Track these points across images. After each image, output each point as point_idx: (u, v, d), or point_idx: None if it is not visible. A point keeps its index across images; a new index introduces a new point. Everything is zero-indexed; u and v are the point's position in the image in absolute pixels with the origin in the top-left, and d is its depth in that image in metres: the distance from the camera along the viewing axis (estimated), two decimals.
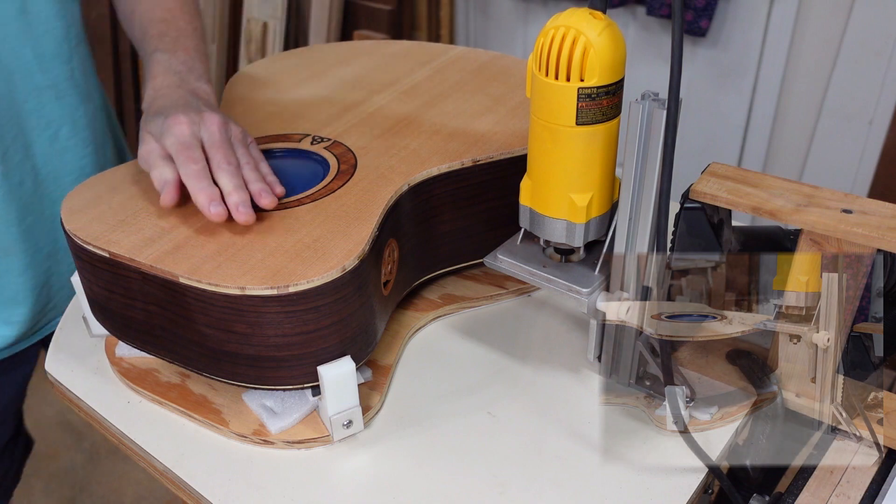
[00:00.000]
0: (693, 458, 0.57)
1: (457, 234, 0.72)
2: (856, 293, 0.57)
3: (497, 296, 0.76)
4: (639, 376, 0.66)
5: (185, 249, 0.59)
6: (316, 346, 0.58)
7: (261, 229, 0.61)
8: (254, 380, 0.60)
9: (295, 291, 0.55)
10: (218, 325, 0.57)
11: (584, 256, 0.63)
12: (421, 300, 0.75)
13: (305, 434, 0.61)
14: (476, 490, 0.57)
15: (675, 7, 0.48)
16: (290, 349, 0.58)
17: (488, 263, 0.65)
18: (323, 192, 0.65)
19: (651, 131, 0.54)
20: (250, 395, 0.64)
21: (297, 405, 0.63)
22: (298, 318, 0.56)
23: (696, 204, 0.61)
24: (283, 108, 0.80)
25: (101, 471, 1.65)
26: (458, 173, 0.69)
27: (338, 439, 0.61)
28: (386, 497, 0.57)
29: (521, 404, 0.65)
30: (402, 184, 0.66)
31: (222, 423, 0.63)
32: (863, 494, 0.57)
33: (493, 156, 0.69)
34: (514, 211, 0.71)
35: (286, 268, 0.56)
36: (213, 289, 0.55)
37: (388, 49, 0.93)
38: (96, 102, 0.87)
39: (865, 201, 0.57)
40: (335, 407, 0.60)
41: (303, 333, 0.57)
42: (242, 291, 0.55)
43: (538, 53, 0.55)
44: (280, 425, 0.62)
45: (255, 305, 0.55)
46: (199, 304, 0.57)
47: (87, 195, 0.66)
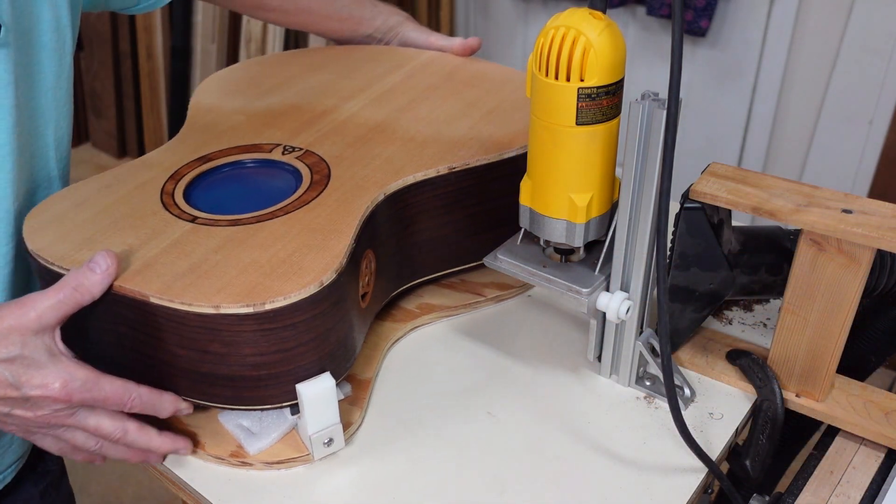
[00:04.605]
0: (693, 458, 0.57)
1: (434, 242, 0.71)
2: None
3: (475, 304, 0.75)
4: (639, 376, 0.66)
5: (156, 267, 0.56)
6: (294, 363, 0.56)
7: (234, 244, 0.59)
8: (230, 400, 0.58)
9: (271, 309, 0.53)
10: (192, 345, 0.55)
11: (584, 256, 0.63)
12: (398, 310, 0.73)
13: (285, 454, 0.60)
14: (476, 490, 0.57)
15: (675, 7, 0.48)
16: (268, 368, 0.56)
17: (488, 263, 0.65)
18: (296, 204, 0.63)
19: (651, 131, 0.54)
20: (226, 416, 0.62)
21: (275, 424, 0.61)
22: (276, 336, 0.54)
23: (696, 204, 0.61)
24: (252, 117, 0.77)
25: (101, 471, 1.65)
26: (434, 181, 0.67)
27: (318, 458, 0.60)
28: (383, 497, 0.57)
29: (521, 404, 0.65)
30: (378, 193, 0.64)
31: (197, 444, 0.61)
32: (863, 494, 0.57)
33: (469, 162, 0.68)
34: (493, 218, 0.71)
35: (261, 284, 0.54)
36: (185, 308, 0.53)
37: (358, 54, 0.90)
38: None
39: (865, 201, 0.57)
40: (315, 425, 0.58)
41: (280, 351, 0.55)
42: (217, 310, 0.53)
43: (538, 53, 0.55)
44: (258, 446, 0.60)
45: (231, 324, 0.53)
46: (172, 325, 0.54)
47: (51, 212, 0.63)
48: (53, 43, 0.68)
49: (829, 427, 0.63)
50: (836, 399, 0.62)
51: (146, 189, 0.66)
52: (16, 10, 0.63)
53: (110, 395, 0.54)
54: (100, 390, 0.54)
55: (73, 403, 0.53)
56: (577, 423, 0.63)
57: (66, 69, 0.70)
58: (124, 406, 0.55)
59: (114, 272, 0.55)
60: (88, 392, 0.53)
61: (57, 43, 0.68)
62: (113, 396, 0.55)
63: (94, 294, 0.54)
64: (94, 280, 0.54)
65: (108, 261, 0.54)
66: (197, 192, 0.67)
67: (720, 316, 0.74)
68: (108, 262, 0.54)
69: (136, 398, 0.56)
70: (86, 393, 0.53)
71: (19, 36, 0.64)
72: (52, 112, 0.70)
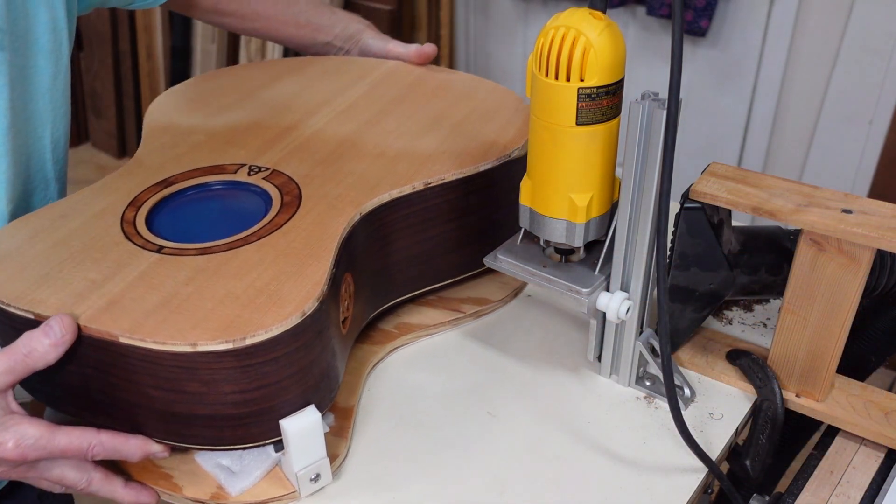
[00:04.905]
0: (693, 458, 0.57)
1: (413, 260, 0.68)
2: None
3: (455, 321, 0.72)
4: (639, 376, 0.66)
5: (123, 304, 0.53)
6: (277, 399, 0.54)
7: (207, 274, 0.55)
8: (210, 441, 0.55)
9: (252, 343, 0.50)
10: (167, 385, 0.52)
11: (584, 256, 0.63)
12: (376, 332, 0.70)
13: (269, 492, 0.57)
14: (476, 490, 0.57)
15: (675, 7, 0.48)
16: (249, 405, 0.53)
17: (488, 263, 0.65)
18: (269, 228, 0.60)
19: (651, 131, 0.54)
20: (204, 455, 0.59)
21: (257, 461, 0.58)
22: (257, 372, 0.52)
23: (696, 204, 0.61)
24: (213, 136, 0.73)
25: None
26: (410, 198, 0.65)
27: (305, 495, 0.57)
28: (383, 496, 0.57)
29: (521, 404, 0.65)
30: (354, 213, 0.61)
31: (174, 488, 0.57)
32: (863, 494, 0.57)
33: (444, 177, 0.66)
34: (471, 232, 0.70)
35: (240, 317, 0.51)
36: (159, 347, 0.50)
37: (318, 66, 0.87)
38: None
39: (865, 201, 0.57)
40: (301, 462, 0.55)
41: (262, 387, 0.52)
42: (194, 348, 0.50)
43: (538, 53, 0.55)
44: (241, 486, 0.57)
45: (209, 362, 0.50)
46: (144, 365, 0.51)
47: (4, 246, 0.59)
48: (50, 45, 0.68)
49: (829, 427, 0.63)
50: (836, 399, 0.62)
51: (104, 218, 0.62)
52: (11, 14, 0.63)
53: (67, 447, 0.53)
54: (55, 446, 0.52)
55: (28, 461, 0.52)
56: (577, 423, 0.63)
57: (62, 71, 0.70)
58: (85, 456, 0.54)
59: (70, 339, 0.52)
60: (43, 449, 0.52)
61: (53, 45, 0.68)
62: (70, 449, 0.53)
63: (47, 361, 0.52)
64: (46, 346, 0.51)
65: (62, 328, 0.51)
66: (160, 219, 0.63)
67: (720, 316, 0.74)
68: (62, 330, 0.51)
69: (98, 446, 0.53)
70: (41, 450, 0.52)
71: (15, 39, 0.64)
72: (48, 114, 0.70)
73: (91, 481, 0.55)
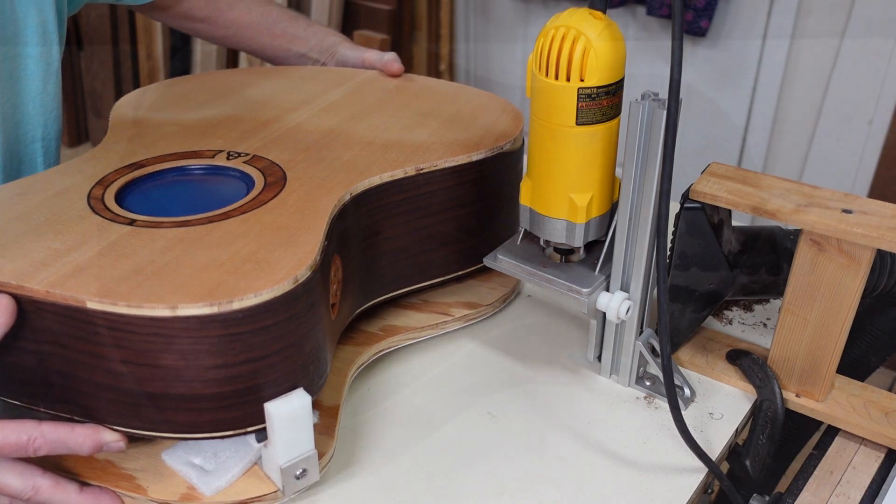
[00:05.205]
0: (693, 458, 0.57)
1: (402, 253, 0.66)
2: None
3: (443, 324, 0.69)
4: (639, 376, 0.66)
5: (92, 270, 0.47)
6: (263, 377, 0.48)
7: (186, 244, 0.50)
8: (184, 428, 0.48)
9: (240, 308, 0.45)
10: (140, 359, 0.46)
11: (584, 256, 0.63)
12: (359, 334, 0.66)
13: (248, 491, 0.50)
14: (476, 490, 0.57)
15: (675, 7, 0.48)
16: (232, 383, 0.47)
17: (488, 263, 0.65)
18: (253, 205, 0.56)
19: (651, 131, 0.54)
20: (173, 454, 0.52)
21: (234, 458, 0.51)
22: (244, 343, 0.46)
23: (696, 204, 0.61)
24: (186, 128, 0.70)
25: None
26: (401, 183, 0.62)
27: (290, 494, 0.51)
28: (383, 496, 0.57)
29: (521, 404, 0.65)
30: (344, 193, 0.58)
31: (137, 490, 0.50)
32: (863, 494, 0.57)
33: (437, 164, 0.64)
34: (462, 227, 0.68)
35: (225, 283, 0.46)
36: (133, 312, 0.44)
37: (297, 72, 0.85)
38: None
39: (865, 201, 0.57)
40: (287, 454, 0.49)
41: (248, 362, 0.47)
42: (173, 312, 0.44)
43: (538, 53, 0.55)
44: (216, 484, 0.50)
45: (190, 329, 0.45)
46: (114, 335, 0.45)
47: None
48: (39, 49, 0.68)
49: (829, 427, 0.63)
50: (836, 399, 0.62)
51: (68, 195, 0.57)
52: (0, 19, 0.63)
53: (3, 444, 0.46)
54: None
55: None
56: (577, 423, 0.63)
57: (53, 74, 0.70)
58: (26, 451, 0.47)
59: (6, 323, 0.46)
60: None
61: (43, 48, 0.68)
62: (6, 444, 0.46)
63: None
64: None
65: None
66: (132, 197, 0.59)
67: (720, 316, 0.74)
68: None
69: (39, 438, 0.47)
70: None
71: (3, 43, 0.64)
72: (39, 118, 0.70)
73: (38, 489, 0.48)
